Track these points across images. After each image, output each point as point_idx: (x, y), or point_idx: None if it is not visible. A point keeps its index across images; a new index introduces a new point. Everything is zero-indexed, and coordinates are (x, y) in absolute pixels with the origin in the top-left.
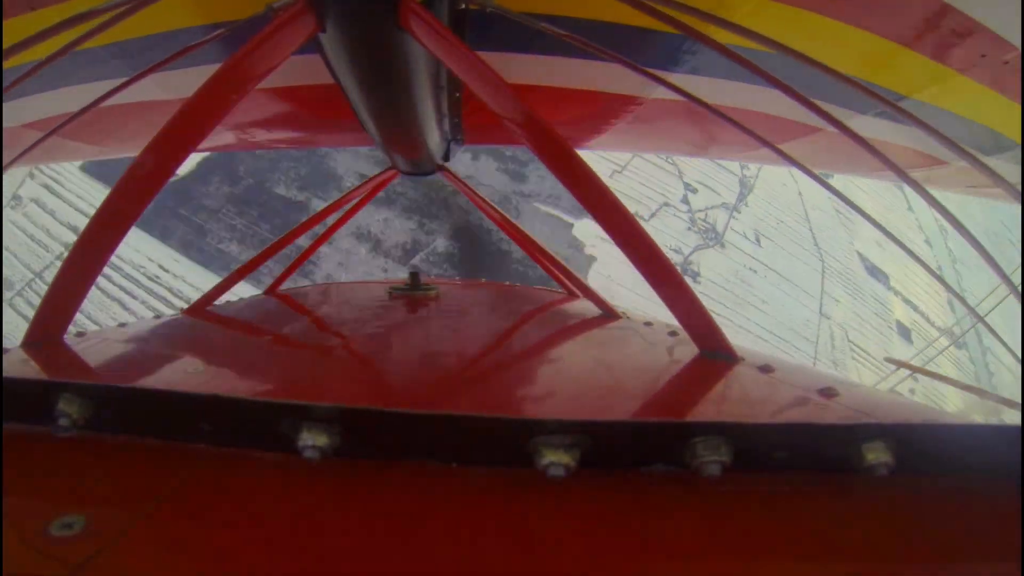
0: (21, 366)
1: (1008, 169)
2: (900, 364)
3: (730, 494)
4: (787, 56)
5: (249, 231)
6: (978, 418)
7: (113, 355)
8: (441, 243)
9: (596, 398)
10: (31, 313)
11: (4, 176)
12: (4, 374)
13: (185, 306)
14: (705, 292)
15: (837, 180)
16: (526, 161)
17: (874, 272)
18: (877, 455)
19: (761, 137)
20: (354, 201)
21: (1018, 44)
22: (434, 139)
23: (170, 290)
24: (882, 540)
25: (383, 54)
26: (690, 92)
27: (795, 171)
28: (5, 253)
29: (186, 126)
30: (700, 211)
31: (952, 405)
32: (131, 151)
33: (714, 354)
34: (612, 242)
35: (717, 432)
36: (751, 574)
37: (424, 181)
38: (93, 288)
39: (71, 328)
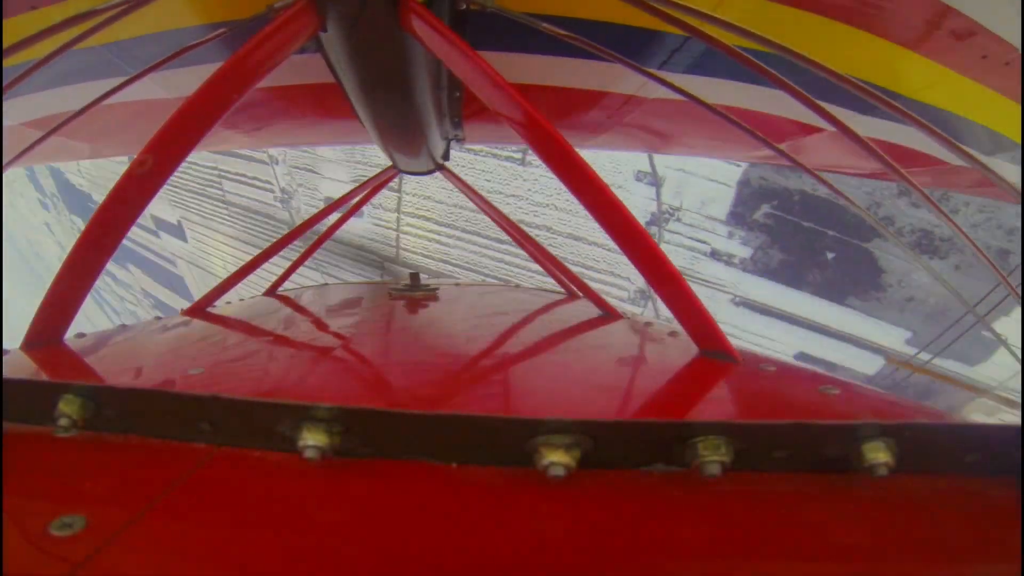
0: (22, 367)
1: (1008, 169)
2: (900, 364)
3: (730, 494)
4: (786, 57)
5: None
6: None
7: (113, 355)
8: None
9: (596, 398)
10: None
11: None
12: (4, 375)
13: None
14: None
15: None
16: None
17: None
18: (877, 455)
19: (761, 137)
20: (354, 201)
21: (1019, 45)
22: (434, 138)
23: None
24: (882, 540)
25: (384, 54)
26: (690, 92)
27: None
28: None
29: (186, 125)
30: None
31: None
32: (132, 150)
33: (714, 354)
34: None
35: (717, 432)
36: (751, 574)
37: None
38: None
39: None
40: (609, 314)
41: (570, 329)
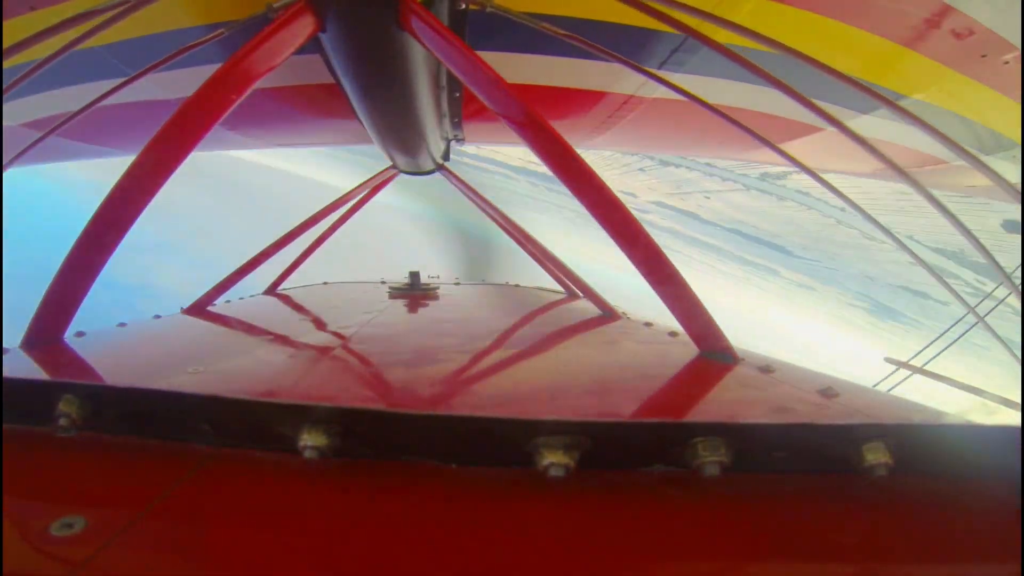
0: (21, 366)
1: (1008, 169)
2: (900, 364)
3: (730, 494)
4: (787, 56)
5: None
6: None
7: (113, 355)
8: None
9: (596, 398)
10: None
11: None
12: (4, 374)
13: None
14: None
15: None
16: None
17: None
18: (877, 455)
19: (761, 137)
20: (354, 200)
21: (1018, 44)
22: (434, 139)
23: None
24: (882, 540)
25: (383, 54)
26: (690, 92)
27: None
28: None
29: (186, 125)
30: None
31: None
32: (131, 150)
33: (714, 354)
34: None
35: (717, 432)
36: (751, 574)
37: None
38: None
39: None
40: (609, 314)
41: (570, 328)
